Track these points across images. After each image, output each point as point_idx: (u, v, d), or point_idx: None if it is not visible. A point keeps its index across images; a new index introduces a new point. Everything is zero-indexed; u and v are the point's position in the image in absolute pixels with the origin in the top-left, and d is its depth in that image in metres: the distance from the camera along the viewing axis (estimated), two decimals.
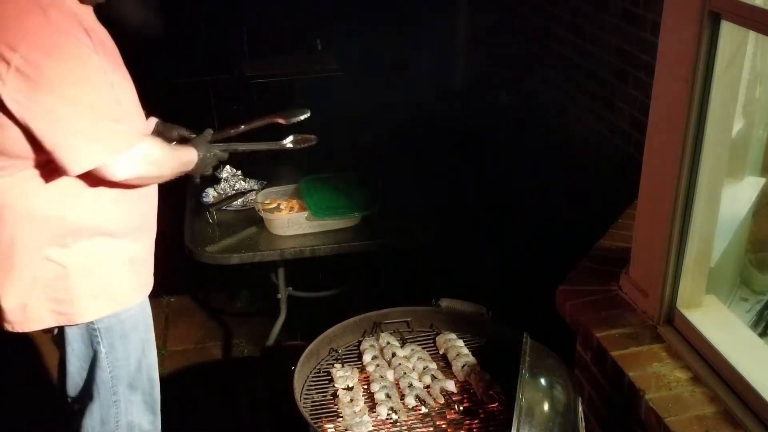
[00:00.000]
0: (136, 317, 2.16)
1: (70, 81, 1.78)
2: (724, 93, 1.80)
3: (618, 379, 1.91)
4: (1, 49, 1.72)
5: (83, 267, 2.01)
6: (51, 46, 1.75)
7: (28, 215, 1.93)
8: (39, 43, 1.74)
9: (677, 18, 1.81)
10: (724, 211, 1.98)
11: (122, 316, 2.11)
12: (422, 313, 2.25)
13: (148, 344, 2.24)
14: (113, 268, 2.07)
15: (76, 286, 2.00)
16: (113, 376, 2.15)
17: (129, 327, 2.14)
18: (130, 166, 1.92)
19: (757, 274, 2.39)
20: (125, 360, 2.16)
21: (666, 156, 1.89)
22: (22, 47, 1.72)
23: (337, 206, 2.95)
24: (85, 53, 1.80)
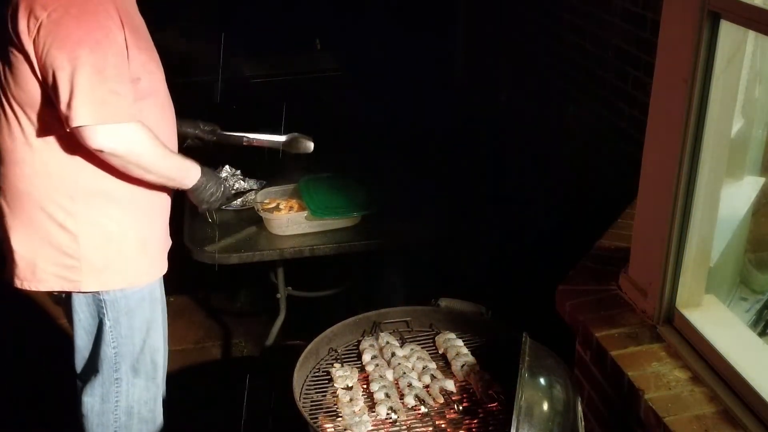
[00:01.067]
0: (143, 296, 2.20)
1: (84, 42, 1.87)
2: (724, 93, 1.80)
3: (617, 378, 1.90)
4: (36, 8, 1.88)
5: (94, 239, 2.07)
6: (76, 8, 1.88)
7: (44, 171, 2.02)
8: (67, 5, 1.88)
9: (677, 17, 1.81)
10: (724, 210, 1.98)
11: (128, 292, 2.16)
12: (422, 313, 2.25)
13: (154, 326, 2.27)
14: (123, 244, 2.12)
15: (86, 256, 2.07)
16: (117, 353, 2.20)
17: (134, 303, 2.18)
18: (108, 139, 1.93)
19: (757, 274, 2.39)
20: (129, 338, 2.20)
21: (665, 156, 1.89)
22: (52, 6, 1.87)
23: (337, 206, 2.95)
24: (108, 24, 1.90)
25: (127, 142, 1.97)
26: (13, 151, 2.03)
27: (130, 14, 2.03)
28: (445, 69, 4.75)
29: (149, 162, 2.05)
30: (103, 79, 1.89)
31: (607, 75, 3.13)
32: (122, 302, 2.16)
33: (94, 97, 1.89)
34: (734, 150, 2.14)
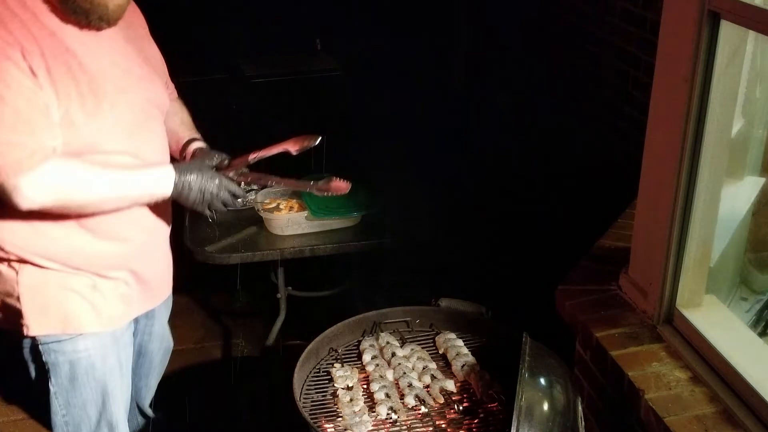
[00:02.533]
0: (92, 357, 1.94)
1: None
2: (724, 92, 1.80)
3: (618, 378, 1.90)
4: None
5: (31, 280, 1.86)
6: None
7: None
8: None
9: (677, 17, 1.81)
10: (724, 210, 1.98)
11: (70, 352, 1.92)
12: (422, 313, 2.25)
13: (111, 396, 2.00)
14: (62, 289, 1.88)
15: (24, 296, 1.86)
16: (68, 425, 1.99)
17: (81, 369, 1.94)
18: (35, 191, 1.69)
19: (757, 274, 2.39)
20: (81, 408, 1.98)
21: (666, 155, 1.89)
22: None
23: (337, 206, 2.95)
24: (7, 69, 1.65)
25: (58, 185, 1.72)
26: None
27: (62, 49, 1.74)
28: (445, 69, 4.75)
29: (97, 194, 1.77)
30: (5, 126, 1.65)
31: (607, 75, 3.13)
32: (64, 367, 1.92)
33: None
34: (734, 150, 2.15)
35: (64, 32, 1.75)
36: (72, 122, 1.73)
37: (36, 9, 1.72)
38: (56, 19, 1.74)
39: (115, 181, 1.81)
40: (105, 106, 1.78)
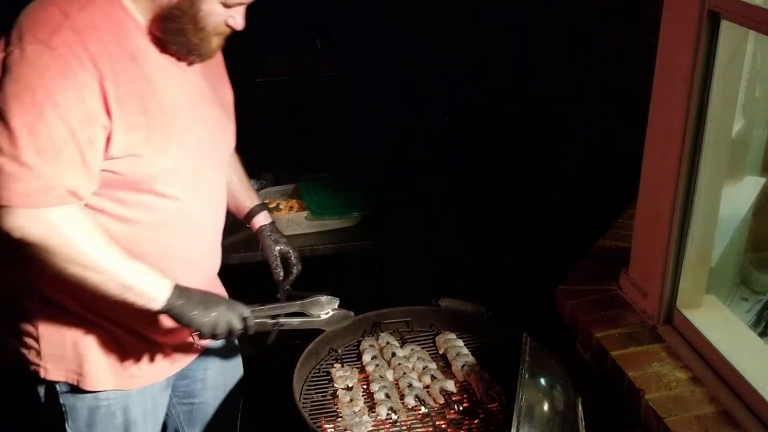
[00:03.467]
0: (112, 407, 1.84)
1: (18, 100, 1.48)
2: (724, 92, 1.80)
3: (618, 379, 1.90)
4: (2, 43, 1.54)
5: (53, 323, 1.75)
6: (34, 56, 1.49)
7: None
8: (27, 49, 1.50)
9: (677, 17, 1.81)
10: (724, 210, 1.98)
11: (90, 398, 1.81)
12: (422, 313, 2.25)
13: None
14: (82, 340, 1.77)
15: (43, 338, 1.76)
16: None
17: (101, 416, 1.84)
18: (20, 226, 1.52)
19: (757, 274, 2.39)
20: None
21: (666, 155, 1.89)
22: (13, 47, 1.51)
23: (337, 206, 2.95)
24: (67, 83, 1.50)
25: (55, 234, 1.55)
26: None
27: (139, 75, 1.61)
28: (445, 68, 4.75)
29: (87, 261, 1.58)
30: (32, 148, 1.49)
31: (607, 75, 3.13)
32: (83, 412, 1.82)
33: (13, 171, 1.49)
34: (735, 150, 2.14)
35: (144, 56, 1.62)
36: (135, 155, 1.60)
37: (123, 24, 1.59)
38: (142, 38, 1.61)
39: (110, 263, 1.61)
40: (173, 144, 1.66)
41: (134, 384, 1.85)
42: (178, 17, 1.59)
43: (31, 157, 1.48)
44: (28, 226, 1.52)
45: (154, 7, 1.60)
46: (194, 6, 1.59)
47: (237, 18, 1.66)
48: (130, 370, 1.82)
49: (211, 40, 1.66)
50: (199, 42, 1.64)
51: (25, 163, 1.49)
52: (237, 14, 1.66)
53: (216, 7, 1.61)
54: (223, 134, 1.87)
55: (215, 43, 1.68)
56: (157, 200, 1.68)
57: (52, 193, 1.53)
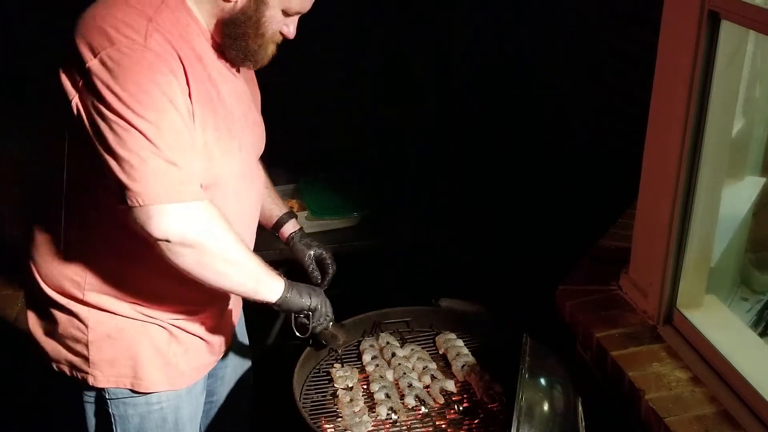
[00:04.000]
0: (164, 410, 1.84)
1: (135, 99, 1.49)
2: (724, 92, 1.80)
3: (618, 379, 1.90)
4: (83, 52, 1.52)
5: (103, 328, 1.74)
6: (135, 58, 1.51)
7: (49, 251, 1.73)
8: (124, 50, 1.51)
9: (677, 17, 1.81)
10: (724, 210, 1.98)
11: (142, 405, 1.81)
12: (422, 313, 2.25)
13: None
14: (135, 342, 1.76)
15: (93, 344, 1.74)
16: None
17: (152, 423, 1.84)
18: (179, 223, 1.53)
19: (757, 274, 2.39)
20: None
21: (666, 155, 1.89)
22: (103, 52, 1.51)
23: (337, 206, 2.95)
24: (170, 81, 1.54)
25: (204, 230, 1.57)
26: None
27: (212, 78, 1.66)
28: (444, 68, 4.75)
29: (225, 259, 1.62)
30: (159, 147, 1.51)
31: (606, 75, 3.13)
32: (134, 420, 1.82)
33: (151, 170, 1.51)
34: (735, 150, 2.14)
35: (208, 59, 1.66)
36: (209, 155, 1.63)
37: (189, 27, 1.63)
38: (204, 42, 1.66)
39: (247, 259, 1.68)
40: (235, 144, 1.70)
41: (184, 382, 1.86)
42: (242, 22, 1.63)
43: (169, 152, 1.52)
44: (185, 224, 1.54)
45: (218, 12, 1.64)
46: (258, 11, 1.63)
47: (291, 27, 1.71)
48: (180, 367, 1.83)
49: (267, 47, 1.69)
50: (257, 48, 1.67)
51: (167, 159, 1.52)
52: (292, 23, 1.71)
53: (277, 14, 1.66)
54: (260, 138, 1.92)
55: (270, 50, 1.71)
56: (222, 201, 1.69)
57: (194, 185, 1.57)
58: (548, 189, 3.57)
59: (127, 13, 1.55)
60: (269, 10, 1.64)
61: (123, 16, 1.55)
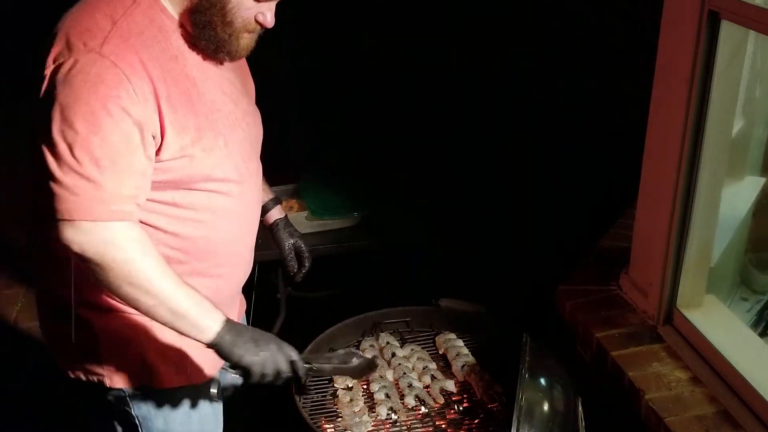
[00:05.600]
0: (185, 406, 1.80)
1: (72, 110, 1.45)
2: (724, 92, 1.80)
3: (618, 379, 1.90)
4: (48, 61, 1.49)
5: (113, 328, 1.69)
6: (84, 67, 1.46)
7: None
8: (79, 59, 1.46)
9: (677, 17, 1.81)
10: (724, 210, 1.98)
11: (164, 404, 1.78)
12: (422, 313, 2.25)
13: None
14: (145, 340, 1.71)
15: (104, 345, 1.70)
16: None
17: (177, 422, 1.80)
18: (100, 242, 1.49)
19: (757, 274, 2.39)
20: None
21: (666, 155, 1.89)
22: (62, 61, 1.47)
23: (337, 206, 2.95)
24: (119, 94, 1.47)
25: (110, 253, 1.50)
26: None
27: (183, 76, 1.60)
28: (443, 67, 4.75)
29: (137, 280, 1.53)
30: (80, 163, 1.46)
31: (607, 74, 3.13)
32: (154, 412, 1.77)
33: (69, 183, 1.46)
34: (735, 150, 2.14)
35: (185, 56, 1.60)
36: (188, 155, 1.59)
37: (164, 26, 1.57)
38: (181, 40, 1.60)
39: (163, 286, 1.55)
40: (220, 142, 1.65)
41: (202, 376, 1.79)
42: (206, 9, 1.56)
43: (89, 168, 1.46)
44: (87, 241, 1.48)
45: (186, 1, 1.58)
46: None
47: (267, 14, 1.61)
48: (195, 361, 1.76)
49: (239, 36, 1.61)
50: (228, 38, 1.59)
51: (84, 174, 1.45)
52: (267, 10, 1.62)
53: (245, 0, 1.58)
54: (256, 128, 1.86)
55: (244, 41, 1.63)
56: (210, 197, 1.67)
57: (112, 205, 1.49)
58: (548, 189, 3.57)
59: (94, 20, 1.51)
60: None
61: (88, 22, 1.50)
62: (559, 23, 3.54)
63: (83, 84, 1.45)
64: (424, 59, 4.58)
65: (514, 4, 3.95)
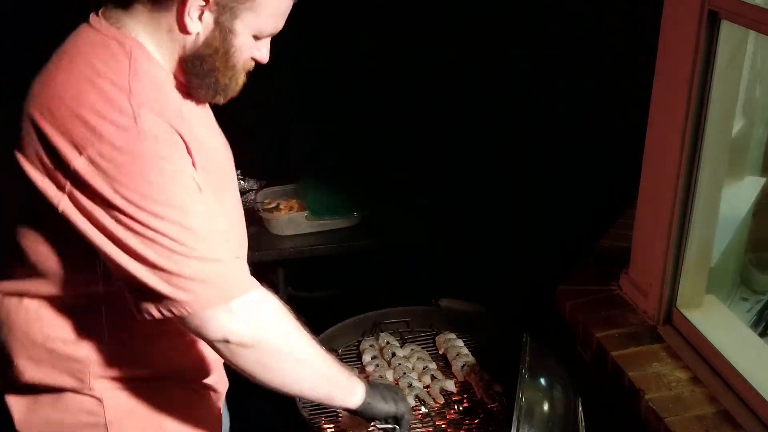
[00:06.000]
0: None
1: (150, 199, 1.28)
2: (724, 92, 1.80)
3: (618, 379, 1.90)
4: (63, 149, 1.28)
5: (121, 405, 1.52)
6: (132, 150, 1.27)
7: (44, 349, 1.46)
8: (116, 143, 1.27)
9: (677, 17, 1.81)
10: (724, 210, 1.98)
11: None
12: (422, 313, 2.25)
13: None
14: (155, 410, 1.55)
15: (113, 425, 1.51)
16: None
17: None
18: (236, 322, 1.34)
19: (758, 274, 2.39)
20: None
21: (666, 155, 1.89)
22: (90, 149, 1.27)
23: (337, 206, 2.95)
24: (178, 164, 1.33)
25: (266, 323, 1.39)
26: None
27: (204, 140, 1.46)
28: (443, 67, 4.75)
29: (299, 353, 1.42)
30: (200, 241, 1.32)
31: (606, 74, 3.13)
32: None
33: (202, 269, 1.31)
34: (735, 150, 2.14)
35: (187, 110, 1.44)
36: None
37: (160, 79, 1.40)
38: (176, 92, 1.44)
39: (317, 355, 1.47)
40: (226, 195, 1.55)
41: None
42: (209, 56, 1.40)
43: (200, 248, 1.31)
44: (242, 322, 1.34)
45: (178, 49, 1.40)
46: (226, 41, 1.40)
47: (263, 50, 1.48)
48: (205, 422, 1.66)
49: (239, 78, 1.47)
50: (228, 82, 1.45)
51: (200, 257, 1.31)
52: (264, 46, 1.47)
53: (248, 40, 1.42)
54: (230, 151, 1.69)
55: (242, 80, 1.48)
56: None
57: (241, 272, 1.38)
58: (548, 189, 3.57)
59: (101, 91, 1.30)
60: (238, 39, 1.40)
61: (97, 95, 1.30)
62: (559, 24, 3.54)
63: (142, 168, 1.28)
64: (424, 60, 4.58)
65: (514, 6, 3.95)
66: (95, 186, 1.26)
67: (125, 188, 1.27)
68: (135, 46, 1.37)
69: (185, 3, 1.35)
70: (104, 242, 1.29)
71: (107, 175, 1.26)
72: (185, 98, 1.46)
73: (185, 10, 1.35)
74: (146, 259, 1.28)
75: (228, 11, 1.37)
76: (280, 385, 1.44)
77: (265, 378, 1.41)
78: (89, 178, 1.26)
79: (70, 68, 1.34)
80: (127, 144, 1.27)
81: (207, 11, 1.36)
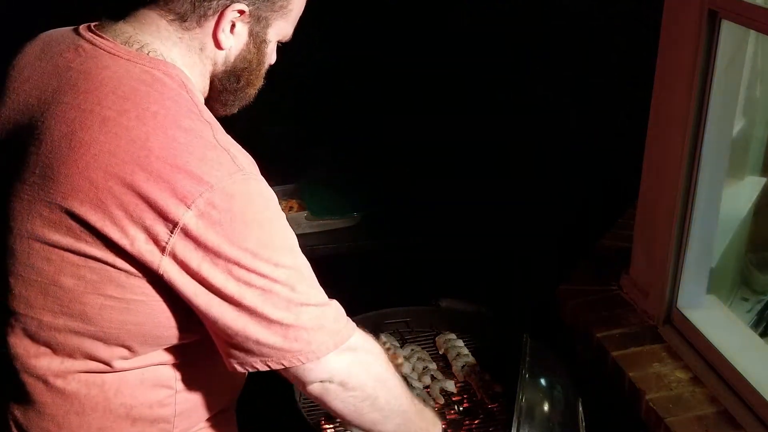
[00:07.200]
0: None
1: (267, 246, 1.18)
2: (725, 92, 1.80)
3: (618, 379, 1.90)
4: (166, 205, 1.12)
5: None
6: (244, 194, 1.17)
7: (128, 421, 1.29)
8: (228, 190, 1.14)
9: (677, 17, 1.81)
10: (725, 210, 1.98)
11: None
12: (422, 313, 2.25)
13: None
14: None
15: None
16: None
17: None
18: (342, 366, 1.28)
19: (758, 274, 2.39)
20: None
21: (666, 156, 1.89)
22: (200, 200, 1.12)
23: (337, 206, 2.95)
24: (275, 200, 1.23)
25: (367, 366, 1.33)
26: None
27: None
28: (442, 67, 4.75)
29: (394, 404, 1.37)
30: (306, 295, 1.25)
31: (607, 75, 3.13)
32: None
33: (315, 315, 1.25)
34: (735, 150, 2.14)
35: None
36: None
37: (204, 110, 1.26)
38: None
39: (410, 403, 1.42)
40: None
41: None
42: (243, 69, 1.33)
43: (314, 294, 1.26)
44: (342, 368, 1.28)
45: (210, 68, 1.30)
46: (260, 52, 1.32)
47: (274, 53, 1.40)
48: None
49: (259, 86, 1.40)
50: (254, 93, 1.39)
51: (315, 303, 1.25)
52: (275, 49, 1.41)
53: (274, 47, 1.37)
54: None
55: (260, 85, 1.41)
56: None
57: (343, 315, 1.32)
58: (548, 189, 3.57)
59: (190, 134, 1.16)
60: (269, 47, 1.34)
61: (189, 140, 1.15)
62: (565, 21, 3.54)
63: (255, 213, 1.18)
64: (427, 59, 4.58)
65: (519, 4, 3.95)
66: (206, 240, 1.13)
67: (242, 237, 1.15)
68: (181, 76, 1.24)
69: (222, 17, 1.24)
70: (211, 300, 1.17)
71: (221, 226, 1.13)
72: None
73: (220, 25, 1.25)
74: (262, 315, 1.18)
75: (263, 20, 1.29)
76: (368, 426, 1.38)
77: (354, 419, 1.36)
78: (201, 232, 1.13)
79: (142, 115, 1.16)
80: (239, 189, 1.16)
81: (240, 22, 1.27)
